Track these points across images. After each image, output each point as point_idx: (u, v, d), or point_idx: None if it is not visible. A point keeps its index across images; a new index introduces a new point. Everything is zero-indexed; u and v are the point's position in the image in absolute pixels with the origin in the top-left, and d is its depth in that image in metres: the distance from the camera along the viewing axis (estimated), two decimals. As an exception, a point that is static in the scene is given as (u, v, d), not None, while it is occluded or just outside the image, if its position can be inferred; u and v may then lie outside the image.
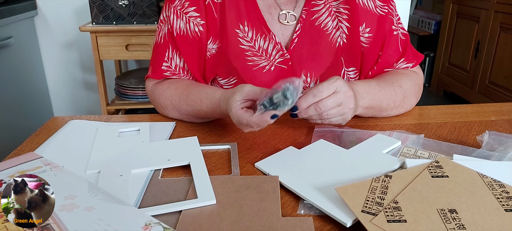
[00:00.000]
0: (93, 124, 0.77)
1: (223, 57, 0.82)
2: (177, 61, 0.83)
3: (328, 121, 0.66)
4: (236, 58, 0.81)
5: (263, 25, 0.81)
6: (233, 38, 0.80)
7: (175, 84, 0.82)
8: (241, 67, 0.81)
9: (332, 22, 0.82)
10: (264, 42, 0.81)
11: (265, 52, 0.81)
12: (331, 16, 0.82)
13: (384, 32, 0.82)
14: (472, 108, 0.85)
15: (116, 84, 2.07)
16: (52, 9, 2.16)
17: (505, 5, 2.50)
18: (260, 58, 0.81)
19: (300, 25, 0.81)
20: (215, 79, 0.85)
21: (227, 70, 0.82)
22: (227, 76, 0.83)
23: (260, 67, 0.81)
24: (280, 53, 0.81)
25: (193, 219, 0.48)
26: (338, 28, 0.82)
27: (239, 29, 0.81)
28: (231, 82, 0.83)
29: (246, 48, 0.81)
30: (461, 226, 0.43)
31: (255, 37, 0.81)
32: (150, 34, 1.88)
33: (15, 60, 2.01)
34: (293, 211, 0.50)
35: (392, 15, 0.83)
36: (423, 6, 3.84)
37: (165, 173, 0.60)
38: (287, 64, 0.81)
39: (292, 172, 0.58)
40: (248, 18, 0.81)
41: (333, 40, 0.82)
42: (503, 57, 2.54)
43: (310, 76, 0.82)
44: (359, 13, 0.81)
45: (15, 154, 0.66)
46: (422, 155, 0.61)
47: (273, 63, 0.81)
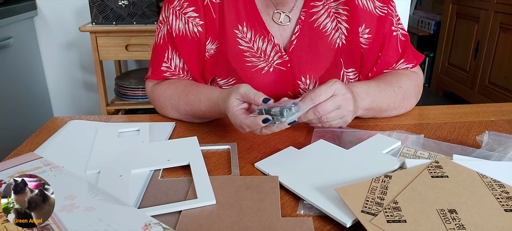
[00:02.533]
0: (93, 124, 0.77)
1: (222, 58, 0.81)
2: (177, 61, 0.83)
3: (328, 124, 0.66)
4: (235, 59, 0.81)
5: (261, 26, 0.81)
6: (232, 38, 0.80)
7: (174, 84, 0.82)
8: (240, 68, 0.81)
9: (331, 23, 0.81)
10: (263, 44, 0.81)
11: (264, 54, 0.81)
12: (330, 17, 0.81)
13: (384, 33, 0.82)
14: (472, 108, 0.85)
15: (116, 85, 2.07)
16: (52, 10, 2.16)
17: (505, 6, 2.51)
18: (258, 59, 0.81)
19: (299, 26, 0.81)
20: (214, 80, 0.85)
21: (226, 71, 0.82)
22: (226, 77, 0.83)
23: (258, 68, 0.81)
24: (279, 55, 0.81)
25: (193, 219, 0.48)
26: (337, 29, 0.81)
27: (238, 29, 0.80)
28: (230, 83, 0.83)
29: (245, 48, 0.81)
30: (461, 226, 0.43)
31: (253, 38, 0.81)
32: (150, 35, 1.88)
33: (15, 61, 2.01)
34: (293, 211, 0.51)
35: (392, 15, 0.82)
36: (423, 6, 3.84)
37: (165, 173, 0.60)
38: (286, 66, 0.81)
39: (292, 172, 0.58)
40: (247, 19, 0.80)
41: (332, 41, 0.81)
42: (502, 58, 2.54)
43: (309, 78, 0.82)
44: (358, 14, 0.80)
45: (15, 154, 0.66)
46: (421, 155, 0.61)
47: (272, 65, 0.81)
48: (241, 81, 0.81)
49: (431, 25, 3.48)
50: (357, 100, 0.71)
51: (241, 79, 0.81)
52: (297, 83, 0.82)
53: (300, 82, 0.82)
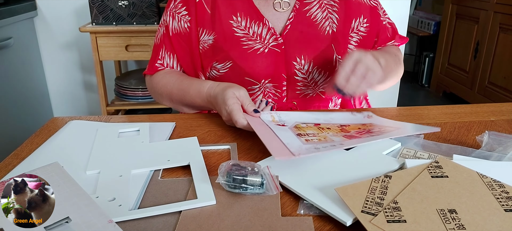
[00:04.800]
0: (93, 124, 0.77)
1: (219, 46, 0.87)
2: (168, 60, 0.93)
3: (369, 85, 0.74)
4: (232, 46, 0.86)
5: (256, 13, 0.86)
6: (228, 28, 0.86)
7: (169, 73, 0.92)
8: (237, 53, 0.86)
9: (322, 13, 0.89)
10: (258, 28, 0.86)
11: (259, 37, 0.86)
12: (322, 8, 0.89)
13: (378, 22, 0.95)
14: (472, 108, 0.85)
15: (116, 85, 2.07)
16: (52, 10, 2.16)
17: (505, 6, 2.51)
18: (254, 42, 0.86)
19: (293, 13, 0.87)
20: (212, 66, 0.90)
21: (223, 57, 0.87)
22: (223, 61, 0.88)
23: (254, 49, 0.86)
24: (274, 37, 0.86)
25: (193, 219, 0.48)
26: (327, 19, 0.89)
27: (233, 20, 0.86)
28: (227, 66, 0.88)
29: (241, 35, 0.86)
30: (460, 226, 0.43)
31: (249, 25, 0.86)
32: (150, 35, 1.88)
33: (15, 61, 2.01)
34: (293, 211, 0.51)
35: (379, 7, 0.96)
36: (422, 6, 3.85)
37: (165, 173, 0.60)
38: (280, 48, 0.86)
39: (292, 172, 0.58)
40: (241, 10, 0.87)
41: (322, 28, 0.88)
42: (502, 58, 2.54)
43: (304, 59, 0.87)
44: (352, 6, 0.91)
45: (15, 154, 0.66)
46: (421, 156, 0.62)
47: (267, 46, 0.86)
48: (237, 64, 0.86)
49: (431, 26, 3.48)
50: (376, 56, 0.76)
51: (237, 62, 0.86)
52: (292, 64, 0.87)
53: (295, 63, 0.87)
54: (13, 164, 0.63)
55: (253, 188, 0.52)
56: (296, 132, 0.69)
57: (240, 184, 0.52)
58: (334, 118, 0.79)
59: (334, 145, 0.62)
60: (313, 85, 0.90)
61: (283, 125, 0.71)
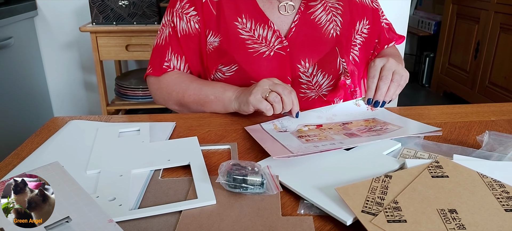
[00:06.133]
0: (93, 124, 0.77)
1: (224, 48, 0.86)
2: (175, 62, 0.90)
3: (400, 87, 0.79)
4: (238, 48, 0.85)
5: (261, 16, 0.86)
6: (233, 30, 0.86)
7: (180, 73, 0.90)
8: (242, 55, 0.86)
9: (326, 16, 0.89)
10: (263, 31, 0.86)
11: (264, 40, 0.86)
12: (326, 11, 0.89)
13: (378, 23, 0.97)
14: (472, 108, 0.85)
15: (116, 85, 2.07)
16: (52, 10, 2.16)
17: (505, 6, 2.51)
18: (260, 45, 0.86)
19: (298, 16, 0.87)
20: (218, 69, 0.89)
21: (229, 59, 0.87)
22: (229, 64, 0.87)
23: (260, 53, 0.86)
24: (279, 40, 0.86)
25: (193, 219, 0.48)
26: (331, 22, 0.89)
27: (238, 21, 0.86)
28: (233, 69, 0.88)
29: (246, 37, 0.86)
30: (461, 226, 0.43)
31: (254, 27, 0.86)
32: (150, 35, 1.88)
33: (15, 61, 2.01)
34: (293, 211, 0.51)
35: (379, 9, 0.99)
36: (423, 6, 3.84)
37: (165, 173, 0.60)
38: (285, 51, 0.86)
39: (292, 171, 0.58)
40: (245, 11, 0.86)
41: (326, 31, 0.89)
42: (503, 58, 2.54)
43: (308, 62, 0.88)
44: (356, 9, 0.92)
45: (15, 154, 0.66)
46: (421, 156, 0.61)
47: (273, 49, 0.86)
48: (242, 67, 0.86)
49: (431, 26, 3.48)
50: (392, 57, 0.81)
51: (243, 66, 0.86)
52: (297, 67, 0.87)
53: (299, 66, 0.87)
54: (13, 163, 0.63)
55: (253, 188, 0.52)
56: (297, 135, 0.69)
57: (241, 183, 0.52)
58: (337, 113, 0.79)
59: (333, 143, 0.63)
60: (317, 88, 0.90)
61: (285, 131, 0.72)
